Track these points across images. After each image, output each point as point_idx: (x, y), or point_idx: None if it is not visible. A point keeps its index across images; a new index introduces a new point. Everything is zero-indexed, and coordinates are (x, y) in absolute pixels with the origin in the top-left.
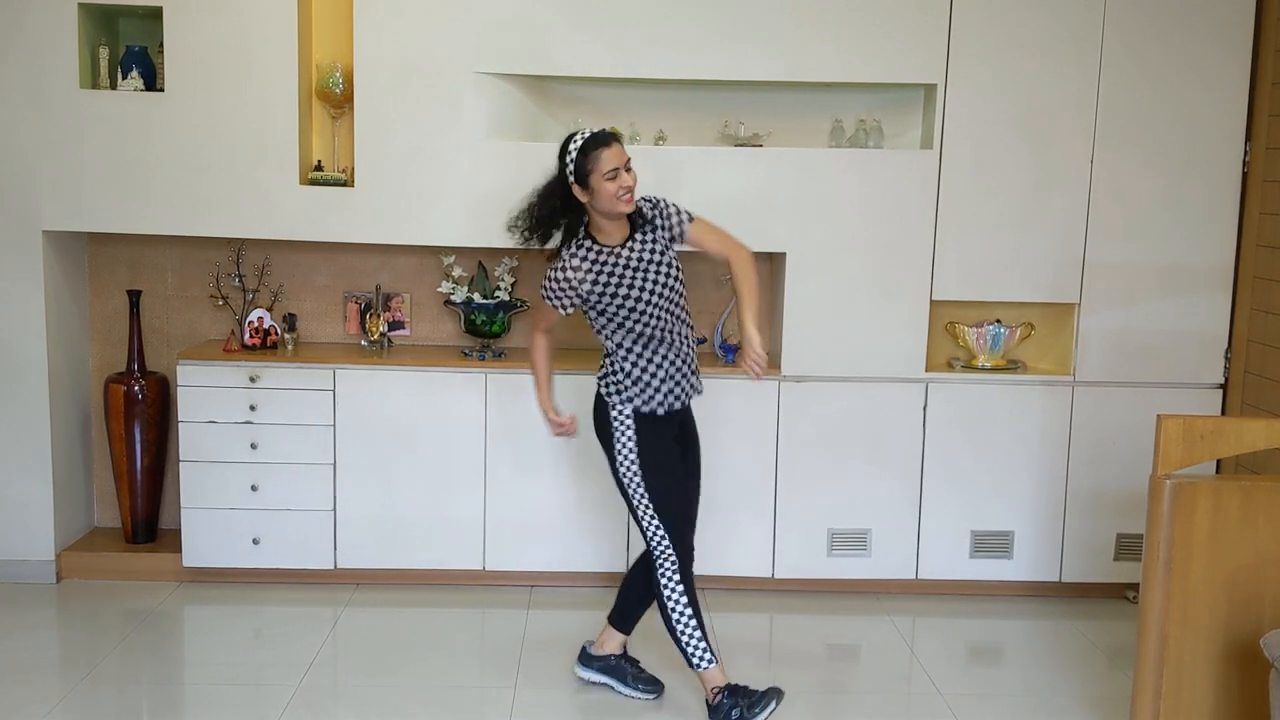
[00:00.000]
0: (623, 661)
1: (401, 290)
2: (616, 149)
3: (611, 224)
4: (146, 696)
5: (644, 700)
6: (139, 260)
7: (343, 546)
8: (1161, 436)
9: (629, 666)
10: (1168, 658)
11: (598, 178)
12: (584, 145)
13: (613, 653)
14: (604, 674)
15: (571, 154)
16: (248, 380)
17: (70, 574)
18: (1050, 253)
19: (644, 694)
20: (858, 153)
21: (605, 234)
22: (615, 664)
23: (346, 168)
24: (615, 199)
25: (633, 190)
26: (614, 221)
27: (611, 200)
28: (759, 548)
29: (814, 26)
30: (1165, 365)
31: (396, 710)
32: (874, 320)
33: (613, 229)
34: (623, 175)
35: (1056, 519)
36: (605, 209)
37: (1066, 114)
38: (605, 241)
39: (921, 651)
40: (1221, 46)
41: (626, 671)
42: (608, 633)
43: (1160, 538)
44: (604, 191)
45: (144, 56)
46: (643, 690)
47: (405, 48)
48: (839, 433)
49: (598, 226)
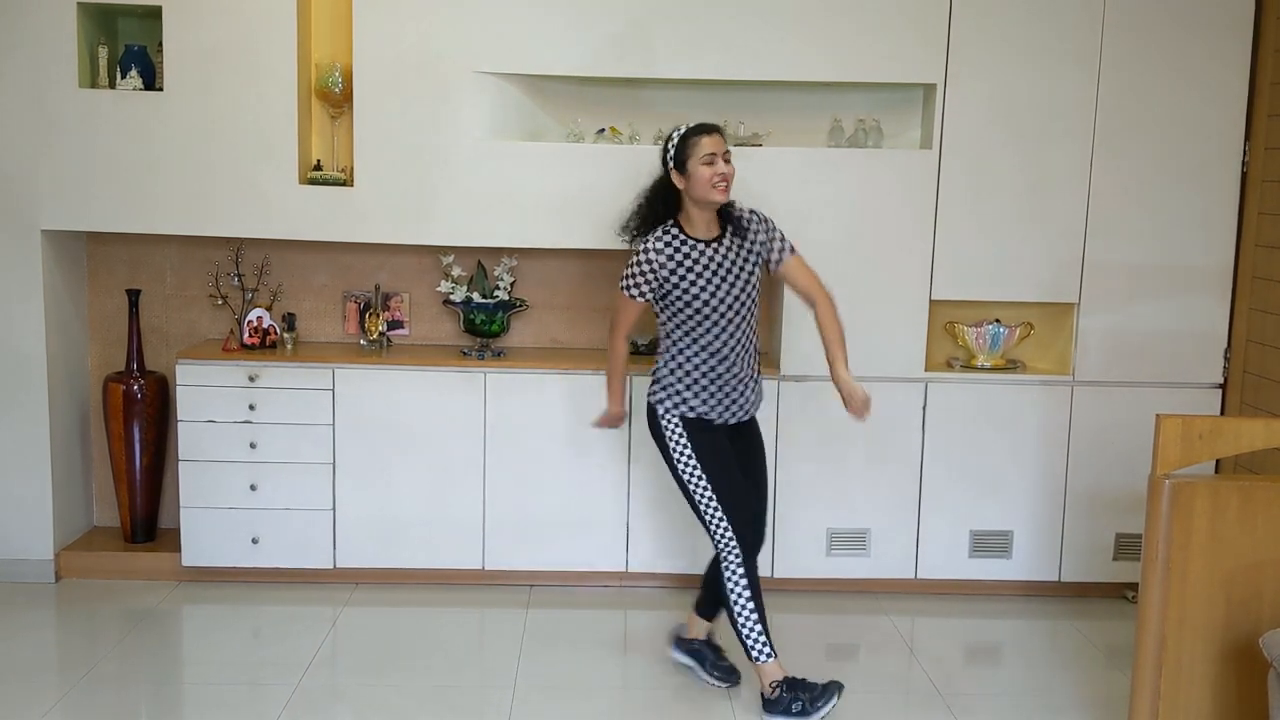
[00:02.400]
0: (706, 648)
1: (401, 290)
2: (716, 137)
3: (702, 217)
4: (145, 696)
5: (718, 688)
6: (138, 259)
7: (342, 546)
8: (1160, 436)
9: (710, 654)
10: (1166, 657)
11: (695, 162)
12: (686, 132)
13: (697, 637)
14: (689, 657)
15: (674, 140)
16: (247, 380)
17: (69, 573)
18: (1049, 252)
19: (718, 682)
20: (857, 152)
21: (694, 226)
22: (699, 649)
23: (346, 167)
24: (710, 185)
25: (728, 181)
26: (705, 214)
27: (706, 187)
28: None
29: (813, 27)
30: (1164, 365)
31: (396, 710)
32: (873, 320)
33: (703, 223)
34: (719, 162)
35: (1055, 519)
36: (699, 195)
37: (1066, 114)
38: (692, 233)
39: (920, 651)
40: (1220, 47)
41: (707, 658)
42: (693, 619)
43: (1159, 537)
44: (699, 176)
45: (143, 56)
46: (718, 678)
47: (405, 47)
48: (838, 432)
49: (688, 218)
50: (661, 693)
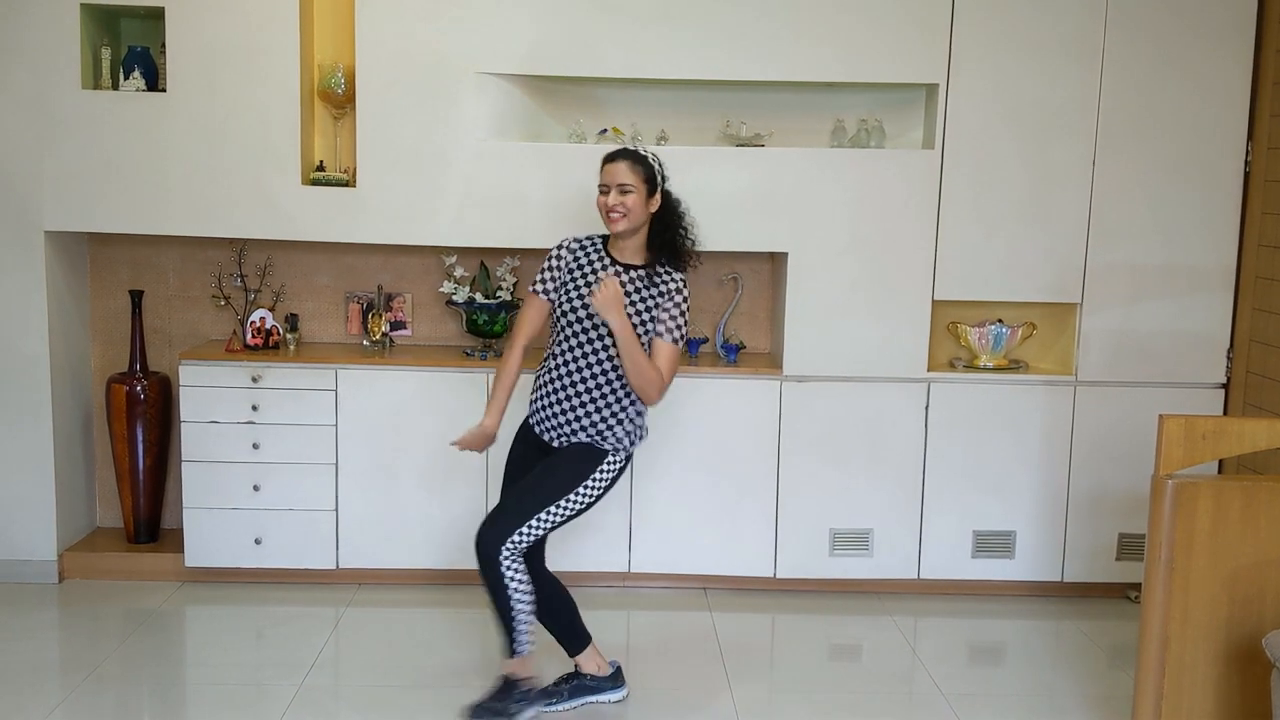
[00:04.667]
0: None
1: (403, 290)
2: (611, 166)
3: (627, 242)
4: (148, 696)
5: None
6: (141, 260)
7: (344, 546)
8: (1163, 436)
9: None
10: (1169, 658)
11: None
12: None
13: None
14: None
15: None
16: (250, 380)
17: (72, 574)
18: (1052, 252)
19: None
20: (859, 153)
21: (616, 248)
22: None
23: (348, 168)
24: (601, 212)
25: (618, 212)
26: (628, 240)
27: (601, 214)
28: (761, 548)
29: (815, 26)
30: (1167, 365)
31: (398, 710)
32: (876, 320)
33: (627, 248)
34: (612, 193)
35: (1058, 519)
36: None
37: (1068, 113)
38: (614, 251)
39: (923, 651)
40: (1223, 46)
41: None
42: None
43: (1162, 538)
44: (598, 201)
45: (146, 57)
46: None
47: (407, 48)
48: (841, 433)
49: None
50: (663, 692)
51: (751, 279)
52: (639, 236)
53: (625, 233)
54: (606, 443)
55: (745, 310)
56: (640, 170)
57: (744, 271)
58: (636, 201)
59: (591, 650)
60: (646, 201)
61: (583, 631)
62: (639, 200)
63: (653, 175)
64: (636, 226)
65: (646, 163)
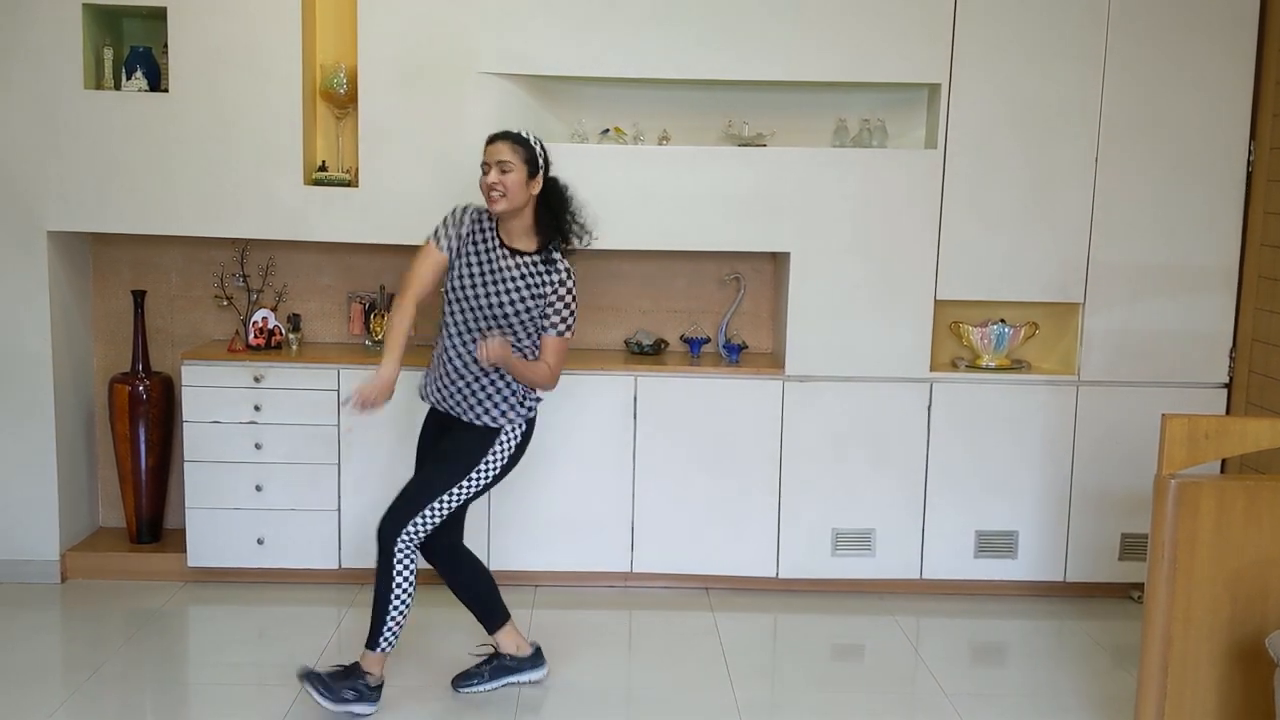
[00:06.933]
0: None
1: None
2: (492, 146)
3: (512, 224)
4: (150, 697)
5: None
6: (143, 260)
7: (347, 546)
8: (1166, 436)
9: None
10: (1172, 657)
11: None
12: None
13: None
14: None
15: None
16: (252, 380)
17: (75, 574)
18: (1054, 252)
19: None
20: (861, 153)
21: (506, 231)
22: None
23: (350, 168)
24: (483, 191)
25: (495, 192)
26: (512, 223)
27: (482, 191)
28: (763, 547)
29: (817, 26)
30: (1170, 365)
31: (399, 710)
32: (878, 320)
33: (514, 230)
34: (492, 171)
35: (1061, 519)
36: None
37: (1070, 113)
38: (503, 235)
39: (926, 651)
40: (1225, 46)
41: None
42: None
43: (1165, 537)
44: (480, 182)
45: (148, 57)
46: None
47: (409, 48)
48: (843, 432)
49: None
50: (665, 692)
51: (754, 279)
52: (523, 219)
53: (506, 214)
54: (497, 421)
55: (747, 310)
56: (521, 151)
57: (746, 271)
58: (516, 181)
59: (510, 629)
60: (527, 183)
61: (501, 608)
62: (519, 180)
63: (534, 157)
64: (517, 207)
65: (528, 144)
